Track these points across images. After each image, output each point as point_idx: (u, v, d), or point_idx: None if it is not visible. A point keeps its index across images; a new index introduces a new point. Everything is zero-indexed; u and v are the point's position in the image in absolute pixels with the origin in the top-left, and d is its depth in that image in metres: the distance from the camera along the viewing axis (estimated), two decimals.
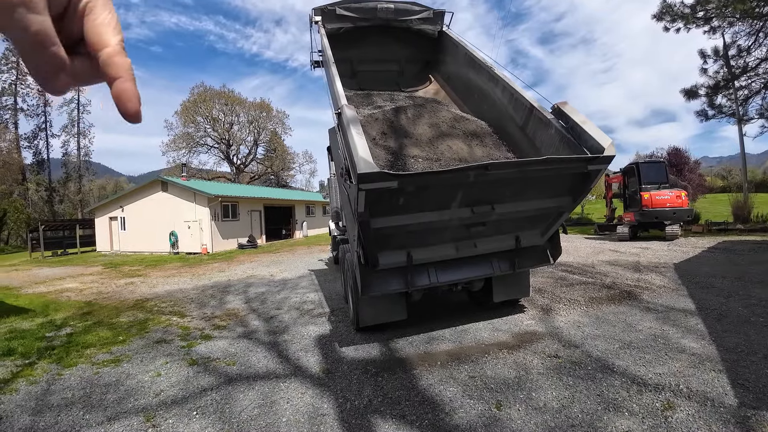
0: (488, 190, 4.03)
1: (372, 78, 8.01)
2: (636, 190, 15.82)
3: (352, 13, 7.18)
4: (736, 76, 19.94)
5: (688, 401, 3.30)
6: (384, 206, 3.74)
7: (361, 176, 3.22)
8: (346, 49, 7.43)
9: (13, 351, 5.47)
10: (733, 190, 26.05)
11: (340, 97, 4.35)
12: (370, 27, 7.42)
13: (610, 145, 3.89)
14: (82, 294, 10.20)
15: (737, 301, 6.10)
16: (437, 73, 8.07)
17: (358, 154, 3.29)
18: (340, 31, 7.21)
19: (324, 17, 7.07)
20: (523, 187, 4.17)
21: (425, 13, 7.45)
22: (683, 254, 11.21)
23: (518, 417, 3.25)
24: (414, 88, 8.06)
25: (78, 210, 43.88)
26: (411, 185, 3.56)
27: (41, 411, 3.78)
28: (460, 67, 6.98)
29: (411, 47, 7.91)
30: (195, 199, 21.35)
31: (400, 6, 7.40)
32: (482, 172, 3.63)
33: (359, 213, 3.61)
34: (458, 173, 3.61)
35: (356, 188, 3.35)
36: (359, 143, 3.38)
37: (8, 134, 39.45)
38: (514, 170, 3.82)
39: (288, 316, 6.88)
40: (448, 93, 7.58)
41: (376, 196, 3.43)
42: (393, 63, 8.22)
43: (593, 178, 4.15)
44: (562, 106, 4.44)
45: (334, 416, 3.45)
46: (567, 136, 4.29)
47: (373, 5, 7.24)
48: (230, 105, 48.94)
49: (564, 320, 5.69)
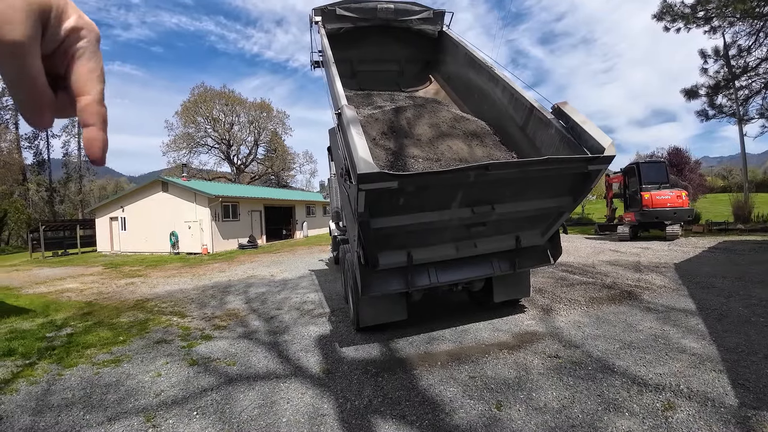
0: (488, 190, 4.02)
1: (372, 78, 8.01)
2: (636, 190, 15.80)
3: (352, 13, 7.18)
4: (737, 76, 19.93)
5: (688, 401, 3.29)
6: (384, 206, 3.73)
7: (361, 176, 3.22)
8: (346, 49, 7.43)
9: (13, 351, 5.48)
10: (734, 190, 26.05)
11: (340, 98, 4.35)
12: (370, 27, 7.42)
13: (611, 145, 3.88)
14: (82, 294, 10.20)
15: (738, 301, 6.10)
16: (437, 73, 8.06)
17: (358, 154, 3.29)
18: (340, 31, 7.21)
19: (324, 17, 7.07)
20: (524, 187, 4.16)
21: (425, 13, 7.45)
22: (684, 254, 11.20)
23: (518, 417, 3.25)
24: (414, 88, 8.05)
25: (78, 210, 43.91)
26: (411, 185, 3.55)
27: (41, 411, 3.78)
28: (460, 67, 6.98)
29: (411, 47, 7.91)
30: (195, 200, 21.35)
31: (400, 6, 7.40)
32: (482, 172, 3.62)
33: (359, 213, 3.60)
34: (458, 173, 3.61)
35: (356, 188, 3.34)
36: (359, 143, 3.37)
37: (9, 134, 39.45)
38: (514, 170, 3.81)
39: (288, 316, 6.88)
40: (448, 93, 7.58)
41: (376, 196, 3.42)
42: (393, 63, 8.22)
43: (593, 178, 4.14)
44: (562, 106, 4.44)
45: (334, 416, 3.45)
46: (567, 136, 4.28)
47: (373, 5, 7.24)
48: (231, 105, 48.94)
49: (564, 320, 5.68)
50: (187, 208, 21.50)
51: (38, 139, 42.61)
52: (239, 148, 51.77)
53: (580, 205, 38.13)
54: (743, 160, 23.24)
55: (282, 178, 55.48)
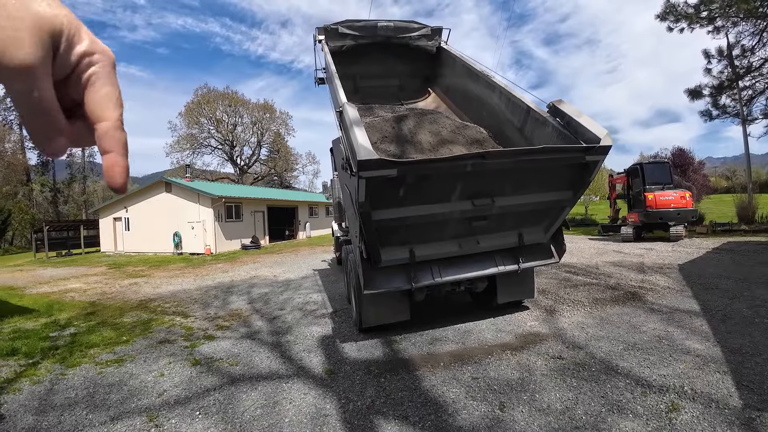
0: (487, 182, 4.09)
1: (374, 93, 8.23)
2: (640, 190, 15.74)
3: (354, 31, 7.49)
4: (740, 76, 19.85)
5: (692, 403, 3.28)
6: (385, 197, 3.80)
7: (361, 163, 3.31)
8: (349, 66, 7.66)
9: (16, 351, 5.50)
10: (738, 191, 25.92)
11: (341, 96, 4.44)
12: (371, 44, 7.71)
13: (606, 136, 3.97)
14: (86, 294, 10.24)
15: (742, 302, 6.07)
16: (437, 87, 8.33)
17: (358, 142, 3.40)
18: (342, 48, 7.49)
19: (327, 36, 7.40)
20: (522, 179, 4.23)
21: (423, 30, 7.75)
22: (687, 255, 11.15)
23: (521, 419, 3.24)
24: (414, 101, 8.31)
25: (82, 211, 44.14)
26: (410, 173, 3.63)
27: (45, 411, 3.80)
28: (458, 78, 7.22)
29: (411, 63, 8.20)
30: (199, 200, 21.41)
31: (400, 24, 7.73)
32: (480, 161, 3.71)
33: (360, 204, 3.67)
34: (456, 161, 3.71)
35: (357, 177, 3.44)
36: (359, 134, 3.48)
37: (13, 135, 39.70)
38: (511, 160, 3.90)
39: (291, 316, 6.89)
40: (447, 104, 7.80)
41: (376, 185, 3.51)
42: (394, 78, 8.51)
43: (592, 169, 4.21)
44: (557, 104, 4.54)
45: (336, 417, 3.45)
46: (564, 132, 4.37)
47: (374, 23, 7.60)
48: (234, 106, 49.09)
49: (568, 321, 5.66)
50: (191, 208, 21.56)
51: None
52: (242, 149, 51.98)
53: (584, 205, 38.09)
54: (747, 160, 23.12)
55: (285, 179, 55.58)
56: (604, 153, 4.02)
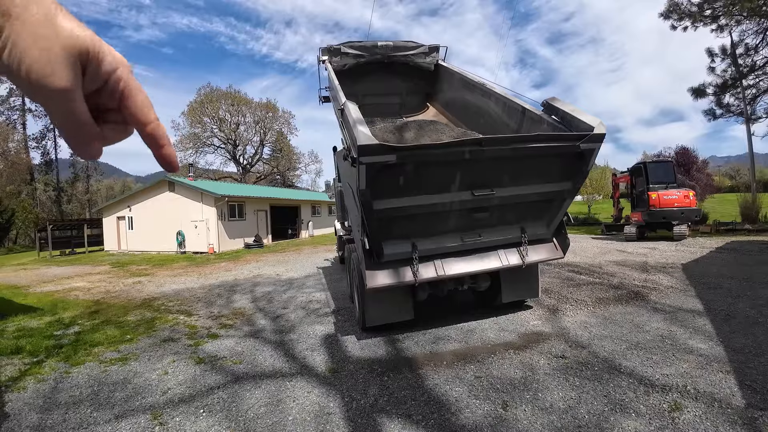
0: (486, 171, 4.17)
1: (376, 110, 8.49)
2: (644, 189, 15.70)
3: (356, 50, 8.05)
4: (744, 75, 19.76)
5: (695, 402, 3.28)
6: (385, 186, 3.87)
7: (361, 148, 3.41)
8: (352, 84, 8.03)
9: (21, 349, 5.54)
10: (742, 190, 25.74)
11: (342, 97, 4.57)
12: (372, 63, 8.28)
13: (600, 124, 4.09)
14: (90, 293, 10.29)
15: (745, 301, 6.05)
16: (436, 102, 8.82)
17: (358, 128, 3.52)
18: (345, 67, 8.03)
19: (330, 56, 7.95)
20: (521, 169, 4.30)
21: (421, 49, 8.31)
22: (691, 254, 11.12)
23: (524, 417, 3.25)
24: (414, 113, 8.83)
25: (86, 210, 44.30)
26: (409, 159, 3.71)
27: (49, 409, 3.82)
28: (456, 91, 7.63)
29: (411, 80, 8.79)
30: (202, 199, 21.47)
31: (398, 43, 8.36)
32: (477, 147, 3.83)
33: (361, 191, 3.75)
34: (454, 146, 3.82)
35: (357, 164, 3.54)
36: (359, 123, 3.61)
37: (16, 135, 39.87)
38: (508, 146, 4.00)
39: (294, 315, 6.91)
40: (446, 116, 8.15)
41: (376, 171, 3.61)
42: (395, 96, 9.08)
43: (588, 158, 4.28)
44: (551, 101, 4.67)
45: (340, 415, 3.46)
46: (560, 127, 4.48)
47: (373, 43, 8.24)
48: (236, 105, 49.16)
49: (571, 320, 5.66)
50: (194, 207, 21.62)
51: (45, 139, 43.00)
52: (245, 148, 52.09)
53: (587, 204, 37.96)
54: (751, 159, 23.01)
55: (287, 178, 55.66)
56: (599, 141, 4.13)
